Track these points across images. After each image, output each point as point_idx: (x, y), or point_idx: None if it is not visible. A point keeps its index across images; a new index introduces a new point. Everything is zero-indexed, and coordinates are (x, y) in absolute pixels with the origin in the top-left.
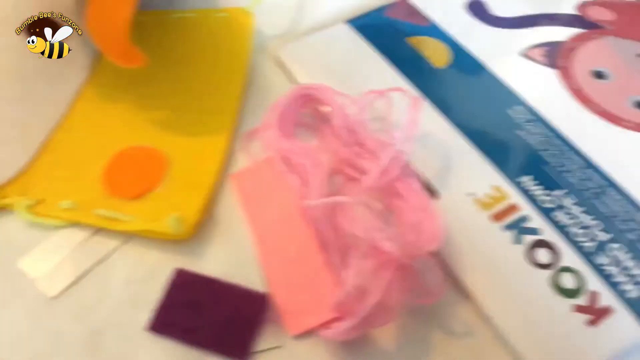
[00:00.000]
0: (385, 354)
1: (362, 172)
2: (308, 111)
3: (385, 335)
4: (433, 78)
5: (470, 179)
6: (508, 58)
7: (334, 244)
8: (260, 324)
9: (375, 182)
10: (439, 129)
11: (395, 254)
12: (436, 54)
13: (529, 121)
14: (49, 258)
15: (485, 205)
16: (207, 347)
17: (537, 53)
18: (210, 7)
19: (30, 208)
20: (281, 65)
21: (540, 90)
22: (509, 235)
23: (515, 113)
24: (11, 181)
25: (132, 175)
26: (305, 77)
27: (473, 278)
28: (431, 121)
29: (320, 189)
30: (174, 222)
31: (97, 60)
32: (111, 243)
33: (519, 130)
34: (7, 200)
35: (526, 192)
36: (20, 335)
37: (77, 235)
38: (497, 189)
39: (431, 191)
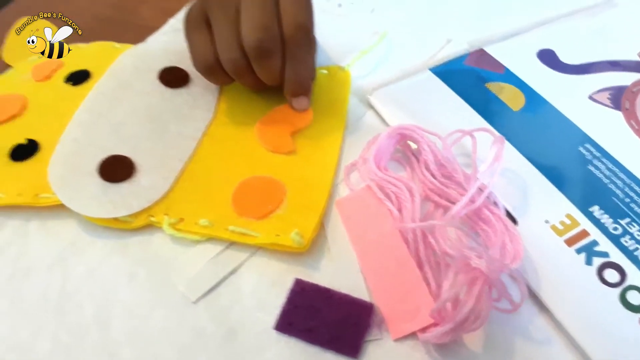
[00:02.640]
0: (473, 355)
1: (449, 200)
2: (400, 147)
3: (474, 340)
4: (510, 119)
5: (546, 208)
6: (577, 101)
7: (428, 261)
8: (367, 328)
9: (463, 210)
10: (517, 165)
11: (483, 270)
12: (512, 98)
13: (597, 157)
14: (190, 268)
15: (559, 232)
16: (323, 344)
17: (603, 96)
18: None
19: (173, 225)
20: (373, 109)
21: (606, 129)
22: (580, 257)
23: (585, 150)
24: (157, 203)
25: (257, 200)
26: (394, 118)
27: (550, 294)
28: (510, 157)
29: (413, 213)
30: (296, 237)
31: (220, 104)
32: (241, 256)
33: (588, 166)
34: (154, 219)
35: (596, 220)
36: (170, 331)
37: (212, 249)
38: (570, 217)
39: (512, 219)
